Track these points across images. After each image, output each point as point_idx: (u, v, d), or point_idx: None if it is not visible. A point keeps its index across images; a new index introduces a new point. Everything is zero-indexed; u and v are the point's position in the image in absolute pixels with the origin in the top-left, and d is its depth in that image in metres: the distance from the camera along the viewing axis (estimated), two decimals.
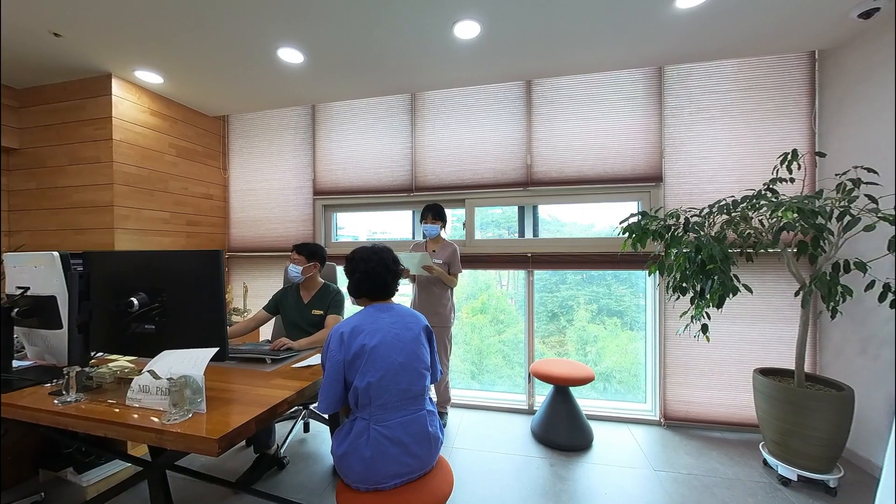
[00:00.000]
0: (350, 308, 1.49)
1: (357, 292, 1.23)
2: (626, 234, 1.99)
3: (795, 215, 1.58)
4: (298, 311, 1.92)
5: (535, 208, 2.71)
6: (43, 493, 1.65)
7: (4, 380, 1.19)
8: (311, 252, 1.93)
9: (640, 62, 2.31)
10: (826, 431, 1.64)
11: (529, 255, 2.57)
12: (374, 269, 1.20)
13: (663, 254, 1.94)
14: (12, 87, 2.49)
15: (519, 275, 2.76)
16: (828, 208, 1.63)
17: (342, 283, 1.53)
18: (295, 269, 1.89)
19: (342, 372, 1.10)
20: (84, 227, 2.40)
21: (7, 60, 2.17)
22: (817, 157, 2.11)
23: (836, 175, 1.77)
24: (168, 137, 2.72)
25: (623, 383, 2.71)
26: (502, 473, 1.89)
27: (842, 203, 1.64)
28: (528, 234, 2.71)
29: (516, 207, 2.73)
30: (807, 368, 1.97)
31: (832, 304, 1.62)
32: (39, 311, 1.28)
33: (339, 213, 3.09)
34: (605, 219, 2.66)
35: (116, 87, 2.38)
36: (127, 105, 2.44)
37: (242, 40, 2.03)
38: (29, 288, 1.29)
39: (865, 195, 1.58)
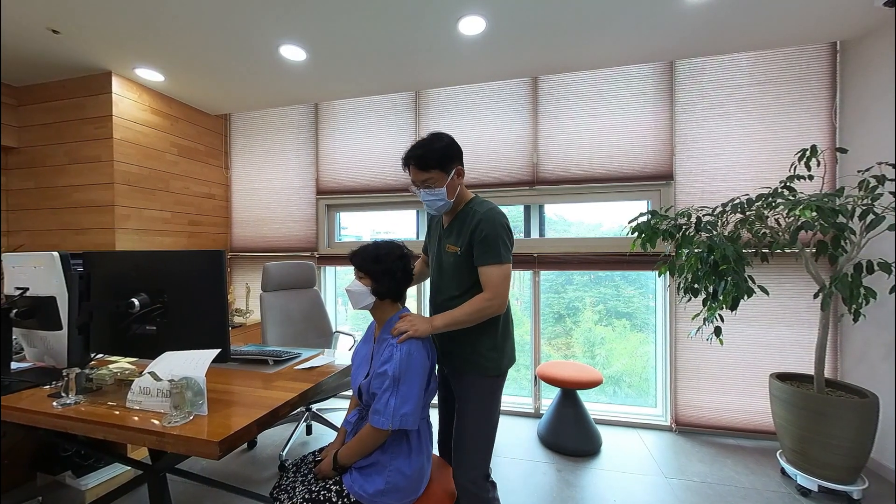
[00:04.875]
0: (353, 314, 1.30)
1: (393, 293, 1.10)
2: (635, 234, 1.95)
3: (814, 214, 1.53)
4: (438, 247, 1.27)
5: (541, 208, 2.67)
6: (41, 498, 1.64)
7: (3, 382, 1.17)
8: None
9: (649, 56, 2.26)
10: (848, 440, 1.58)
11: (535, 255, 2.52)
12: (410, 267, 1.14)
13: (674, 254, 1.89)
14: (11, 85, 2.47)
15: (525, 275, 2.72)
16: (849, 206, 1.58)
17: (340, 284, 1.25)
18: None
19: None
20: (84, 227, 2.38)
21: (5, 58, 2.15)
22: (838, 154, 2.04)
23: (859, 171, 1.71)
24: (169, 136, 2.69)
25: (632, 387, 2.66)
26: (508, 479, 1.85)
27: (864, 201, 1.58)
28: (534, 234, 2.67)
29: (522, 207, 2.69)
30: (827, 374, 1.90)
31: (854, 306, 1.56)
32: (39, 312, 1.27)
33: (343, 212, 3.06)
34: (613, 218, 2.61)
35: (117, 85, 2.36)
36: (127, 103, 2.42)
37: (244, 37, 2.00)
38: (28, 289, 1.28)
39: (890, 192, 1.53)
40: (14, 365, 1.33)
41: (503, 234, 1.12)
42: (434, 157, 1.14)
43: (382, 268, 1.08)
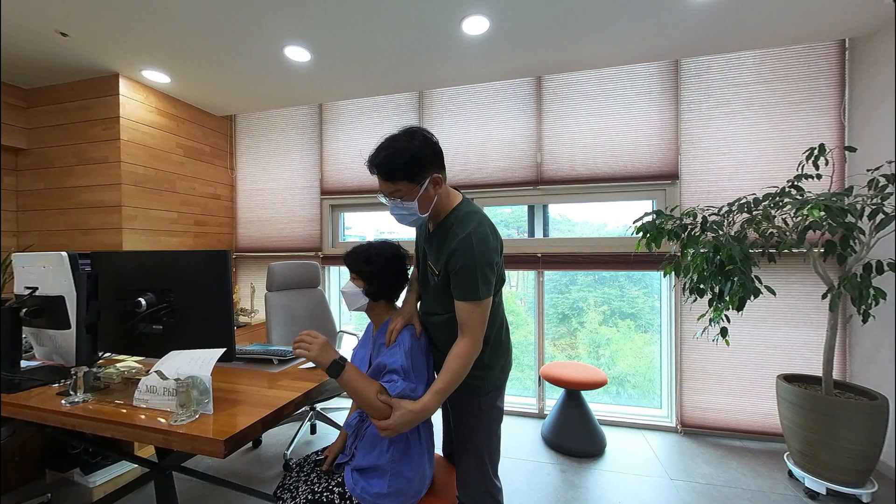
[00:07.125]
0: (348, 314, 1.22)
1: (386, 294, 1.11)
2: (640, 234, 1.93)
3: (822, 213, 1.50)
4: (424, 256, 1.14)
5: (545, 207, 2.66)
6: (49, 494, 1.65)
7: (13, 381, 1.18)
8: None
9: (654, 55, 2.24)
10: (858, 442, 1.56)
11: (539, 255, 2.51)
12: (406, 268, 1.10)
13: (679, 254, 1.88)
14: (20, 87, 2.51)
15: (528, 275, 2.71)
16: (858, 206, 1.55)
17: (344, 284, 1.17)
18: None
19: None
20: (92, 228, 2.41)
21: (14, 60, 2.19)
22: (847, 152, 2.01)
23: (868, 170, 1.68)
24: (175, 137, 2.72)
25: (637, 388, 2.64)
26: (512, 479, 1.84)
27: (874, 200, 1.56)
28: (538, 234, 2.66)
29: (526, 206, 2.68)
30: (835, 375, 1.88)
31: (863, 307, 1.54)
32: (48, 311, 1.28)
33: (347, 212, 3.07)
34: (617, 218, 2.59)
35: (124, 86, 2.38)
36: (134, 105, 2.45)
37: (249, 39, 2.01)
38: (37, 288, 1.29)
39: None
40: (23, 363, 1.34)
41: (480, 264, 0.94)
42: (400, 165, 0.92)
43: (374, 269, 1.06)
